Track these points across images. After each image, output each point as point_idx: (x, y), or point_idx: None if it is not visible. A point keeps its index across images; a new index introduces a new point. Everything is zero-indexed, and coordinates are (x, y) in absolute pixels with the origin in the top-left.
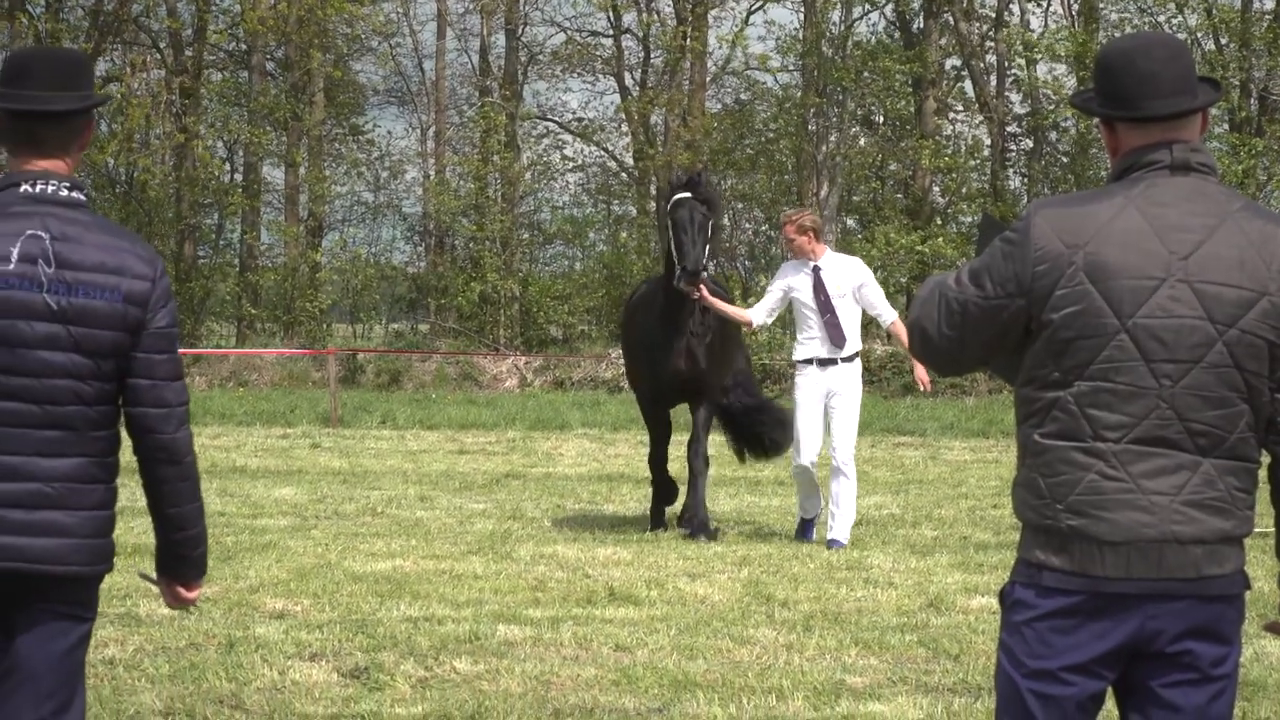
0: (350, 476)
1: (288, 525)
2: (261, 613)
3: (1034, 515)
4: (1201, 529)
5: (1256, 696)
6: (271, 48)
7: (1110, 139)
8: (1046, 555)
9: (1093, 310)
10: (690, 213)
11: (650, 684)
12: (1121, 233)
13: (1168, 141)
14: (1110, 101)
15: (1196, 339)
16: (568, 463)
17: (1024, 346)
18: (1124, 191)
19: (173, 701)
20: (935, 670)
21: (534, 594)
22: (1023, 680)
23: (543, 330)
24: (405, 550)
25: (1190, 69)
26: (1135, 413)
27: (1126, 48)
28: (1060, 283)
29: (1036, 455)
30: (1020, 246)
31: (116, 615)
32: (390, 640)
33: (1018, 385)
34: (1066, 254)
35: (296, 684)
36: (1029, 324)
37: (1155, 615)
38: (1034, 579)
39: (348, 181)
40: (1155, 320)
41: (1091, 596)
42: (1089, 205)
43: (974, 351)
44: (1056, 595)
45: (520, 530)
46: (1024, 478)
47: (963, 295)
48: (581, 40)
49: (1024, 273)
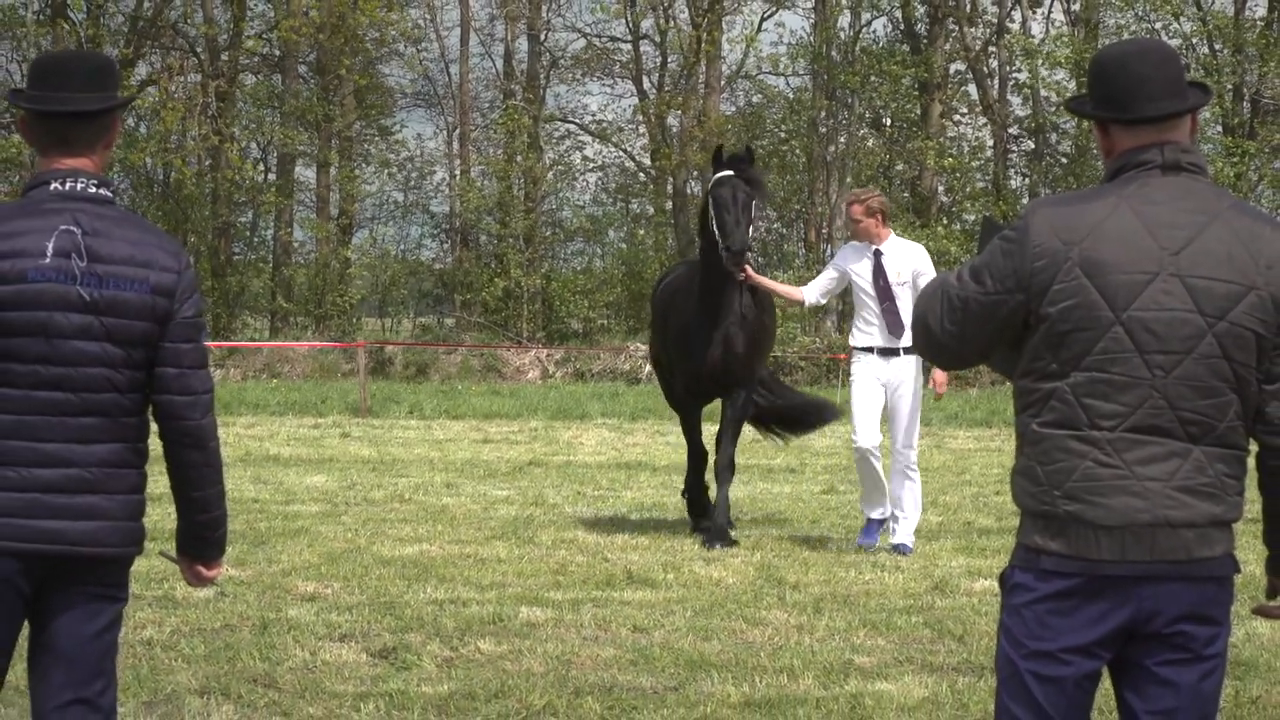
0: (379, 464)
1: (319, 511)
2: (293, 595)
3: (1032, 502)
4: (1193, 513)
5: (1248, 676)
6: (304, 52)
7: (1104, 141)
8: (1045, 540)
9: (1088, 304)
10: (734, 191)
11: (667, 664)
12: (1116, 230)
13: (1159, 143)
14: (1104, 104)
15: (1188, 331)
16: (587, 451)
17: (1022, 341)
18: (1118, 191)
19: (208, 681)
20: (940, 650)
21: (555, 577)
22: (1022, 661)
23: (564, 324)
24: (431, 535)
25: (1180, 73)
26: (1130, 402)
27: (1119, 53)
28: (1058, 278)
29: (1034, 444)
30: (1019, 244)
31: (154, 598)
32: (417, 622)
33: (1016, 377)
34: (1063, 250)
35: (327, 664)
36: (1027, 318)
37: (1149, 597)
38: (1033, 563)
39: (377, 181)
40: (1148, 313)
41: (1088, 579)
42: (1084, 204)
43: (974, 345)
44: (1055, 579)
45: (542, 516)
46: (1022, 466)
47: (964, 292)
48: (601, 45)
49: (1022, 269)
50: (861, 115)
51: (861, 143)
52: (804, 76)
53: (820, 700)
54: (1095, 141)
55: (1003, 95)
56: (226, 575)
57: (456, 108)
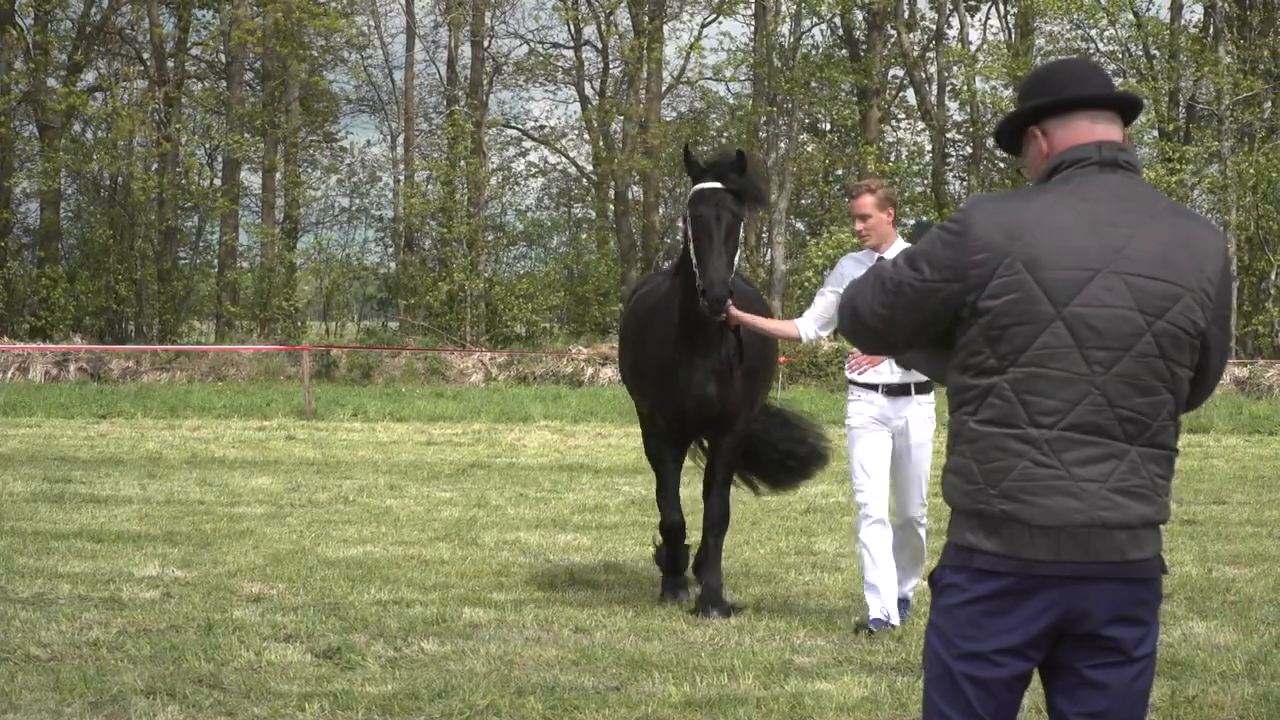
0: (323, 466)
1: (264, 513)
2: (239, 596)
3: (966, 500)
4: (1127, 514)
5: (1184, 675)
6: (250, 59)
7: (1042, 146)
8: (978, 538)
9: (1029, 298)
10: (717, 211)
11: (609, 663)
12: (1057, 226)
13: (1096, 141)
14: (1039, 98)
15: (1128, 329)
16: (530, 453)
17: (945, 339)
18: (1057, 189)
19: (154, 681)
20: (879, 650)
21: (498, 578)
22: (954, 661)
23: (507, 327)
24: (375, 537)
25: (1110, 78)
26: (1069, 398)
27: (1052, 63)
28: (998, 271)
29: (971, 442)
30: (960, 235)
31: (100, 599)
32: (361, 622)
33: (952, 373)
34: (1004, 245)
35: (272, 664)
36: (959, 310)
37: (1082, 597)
38: (965, 562)
39: (322, 186)
40: (1089, 309)
41: (1022, 579)
42: (1024, 201)
43: (901, 331)
44: (988, 578)
45: (485, 518)
46: (956, 464)
47: (899, 276)
48: (544, 52)
49: (962, 260)
50: (802, 121)
51: (802, 148)
52: (745, 82)
53: (761, 700)
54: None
55: (941, 101)
56: (172, 577)
57: (401, 113)
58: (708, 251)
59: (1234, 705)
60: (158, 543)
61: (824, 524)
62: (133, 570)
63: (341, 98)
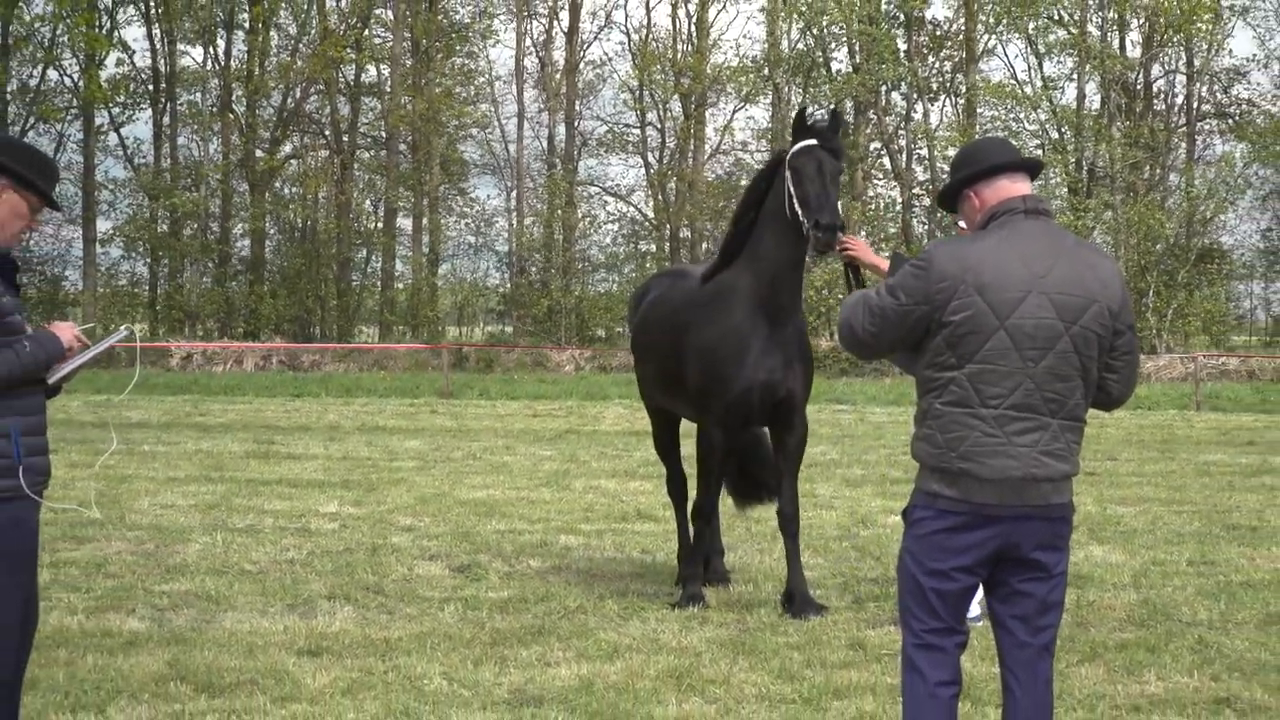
0: (458, 432)
1: (414, 466)
2: (395, 527)
3: (932, 459)
4: (1050, 470)
5: (1086, 585)
6: (404, 135)
7: (975, 204)
8: (941, 487)
9: (980, 314)
10: (819, 163)
11: (668, 576)
12: (997, 260)
13: (1020, 195)
14: (969, 169)
15: (1052, 333)
16: (608, 423)
17: (920, 344)
18: (995, 232)
19: (334, 589)
20: (863, 567)
21: (585, 514)
22: (923, 577)
23: (592, 331)
24: (495, 484)
25: (1017, 150)
26: (1009, 386)
27: (974, 142)
28: (956, 295)
29: (936, 418)
30: (926, 270)
31: (294, 529)
32: (485, 546)
33: (921, 368)
34: (960, 274)
35: (420, 576)
36: (929, 325)
37: (1017, 532)
38: (931, 504)
39: (456, 228)
40: (1024, 320)
41: (973, 517)
42: (973, 243)
43: (886, 342)
44: (948, 516)
45: (575, 470)
46: (924, 434)
47: (882, 303)
48: (618, 130)
49: (928, 289)
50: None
51: None
52: (765, 153)
53: (776, 602)
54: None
55: (909, 165)
56: (347, 513)
57: (514, 174)
58: (818, 191)
59: (1123, 607)
60: (336, 488)
61: (822, 474)
62: (318, 508)
63: (470, 163)
